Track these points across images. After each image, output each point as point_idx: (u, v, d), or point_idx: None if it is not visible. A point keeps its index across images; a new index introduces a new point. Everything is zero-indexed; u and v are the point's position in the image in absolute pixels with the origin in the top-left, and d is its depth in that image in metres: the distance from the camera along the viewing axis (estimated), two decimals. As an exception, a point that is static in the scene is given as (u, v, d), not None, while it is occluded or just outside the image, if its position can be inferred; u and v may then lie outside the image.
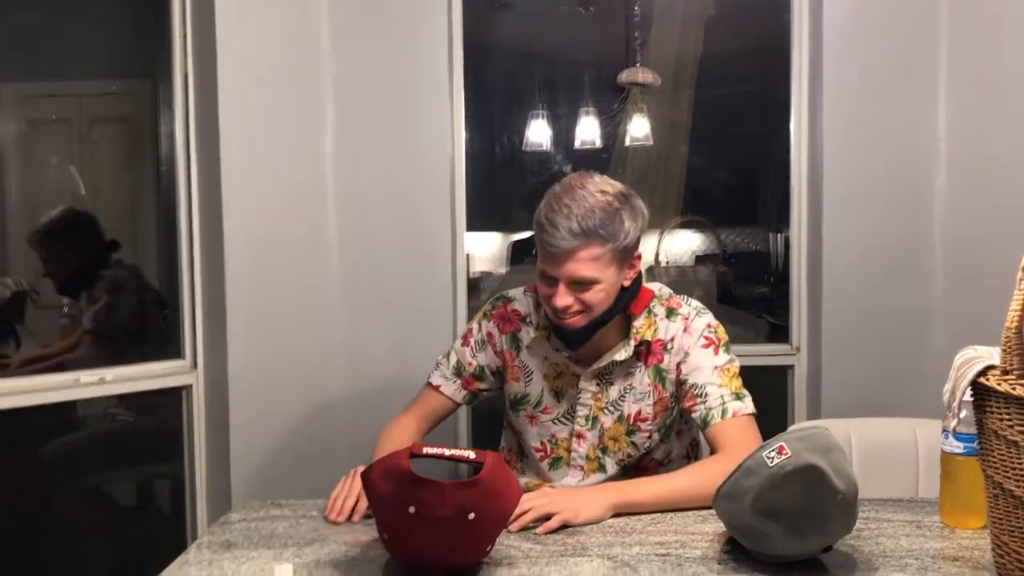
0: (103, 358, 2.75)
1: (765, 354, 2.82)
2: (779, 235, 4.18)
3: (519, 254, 4.67)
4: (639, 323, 1.90)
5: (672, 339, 1.91)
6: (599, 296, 1.80)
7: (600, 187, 1.80)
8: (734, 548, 1.57)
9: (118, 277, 2.82)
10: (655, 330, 1.91)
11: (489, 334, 2.03)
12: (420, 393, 2.08)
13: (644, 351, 1.92)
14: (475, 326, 2.06)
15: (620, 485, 1.77)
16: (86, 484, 2.95)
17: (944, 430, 1.66)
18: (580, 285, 1.79)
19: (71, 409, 2.81)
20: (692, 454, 2.11)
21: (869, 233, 2.65)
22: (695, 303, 1.96)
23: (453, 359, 2.06)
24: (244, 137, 2.49)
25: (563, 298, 1.79)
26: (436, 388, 2.05)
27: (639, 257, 1.88)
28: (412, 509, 1.37)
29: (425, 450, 1.46)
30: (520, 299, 2.04)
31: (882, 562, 1.50)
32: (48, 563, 2.76)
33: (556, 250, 1.76)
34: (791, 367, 2.80)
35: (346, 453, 2.60)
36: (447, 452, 1.47)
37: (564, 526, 1.66)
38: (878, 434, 2.24)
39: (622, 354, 1.90)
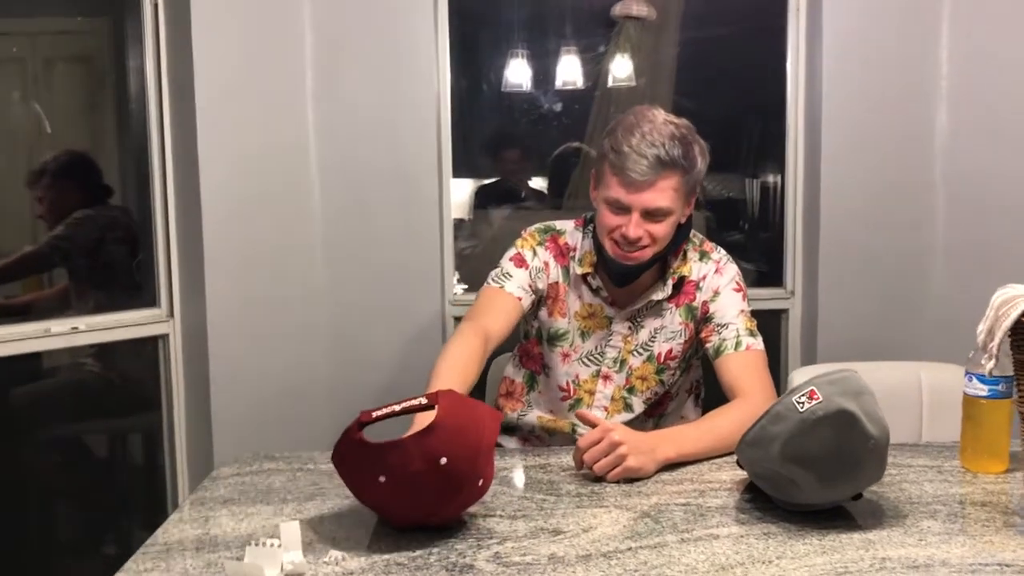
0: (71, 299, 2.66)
1: (758, 298, 2.75)
2: (755, 180, 4.11)
3: (484, 200, 4.51)
4: (676, 263, 1.92)
5: (704, 278, 1.93)
6: (666, 229, 1.80)
7: (670, 119, 1.80)
8: (755, 496, 1.51)
9: (87, 215, 2.70)
10: (690, 270, 1.93)
11: (546, 263, 1.96)
12: (485, 303, 1.89)
13: (676, 291, 1.93)
14: (527, 252, 1.95)
15: (675, 440, 1.67)
16: (56, 436, 2.84)
17: (968, 372, 1.61)
18: (653, 216, 1.78)
19: (38, 359, 2.70)
20: (696, 390, 2.11)
21: (868, 173, 2.58)
22: (724, 251, 1.98)
23: (518, 276, 1.91)
24: (220, 72, 2.36)
25: (637, 228, 1.77)
26: (512, 296, 1.88)
27: (696, 195, 1.87)
28: (383, 479, 1.31)
29: (375, 414, 1.37)
30: (570, 232, 1.99)
31: (910, 509, 1.45)
32: (20, 519, 2.67)
33: (639, 178, 1.74)
34: (785, 311, 2.74)
35: (331, 403, 2.53)
36: (398, 408, 1.39)
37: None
38: (881, 378, 2.18)
39: (660, 293, 1.91)
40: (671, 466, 1.65)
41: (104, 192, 2.76)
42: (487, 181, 4.14)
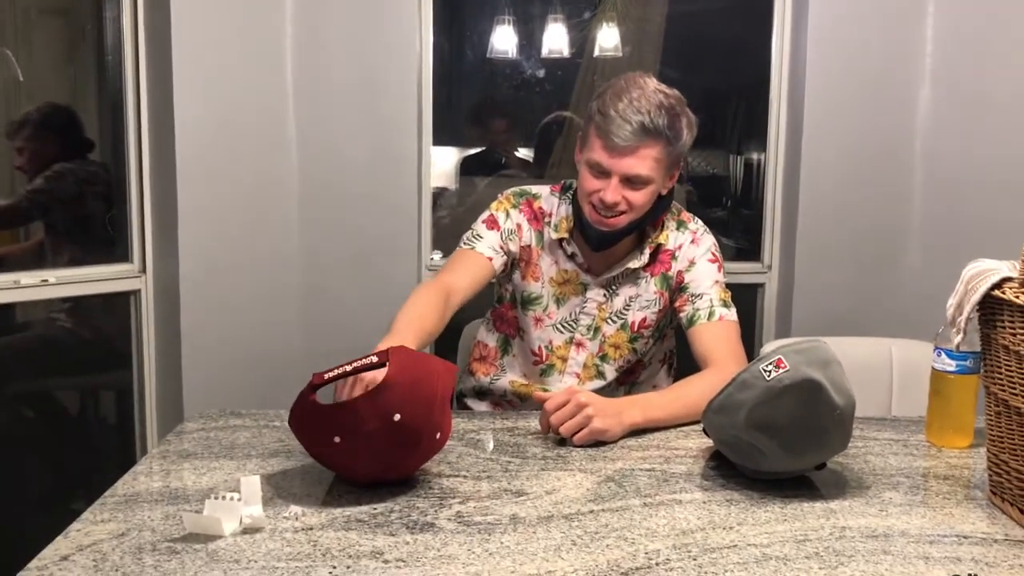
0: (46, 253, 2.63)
1: (736, 272, 2.75)
2: (739, 157, 4.09)
3: (471, 169, 4.49)
4: (654, 233, 1.92)
5: (680, 247, 1.93)
6: (644, 198, 1.79)
7: (661, 88, 1.78)
8: (720, 464, 1.51)
9: (66, 168, 2.66)
10: (666, 238, 1.93)
11: (518, 225, 1.95)
12: (452, 263, 1.90)
13: (652, 260, 1.92)
14: (500, 214, 1.95)
15: (642, 405, 1.68)
16: (27, 391, 2.81)
17: (936, 347, 1.61)
18: (632, 183, 1.77)
19: (10, 313, 2.67)
20: (669, 360, 2.11)
21: (848, 150, 2.57)
22: (702, 222, 1.98)
23: (489, 238, 1.92)
24: (196, 25, 2.32)
25: (614, 193, 1.77)
26: (482, 256, 1.89)
27: (679, 168, 1.86)
28: (337, 439, 1.31)
29: (327, 375, 1.37)
30: (546, 197, 1.98)
31: (873, 480, 1.46)
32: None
33: (622, 143, 1.73)
34: (762, 285, 2.74)
35: (301, 362, 2.51)
36: (349, 368, 1.39)
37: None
38: (853, 353, 2.18)
39: (636, 262, 1.90)
40: (638, 432, 1.65)
41: (85, 146, 2.72)
42: (473, 151, 4.11)
